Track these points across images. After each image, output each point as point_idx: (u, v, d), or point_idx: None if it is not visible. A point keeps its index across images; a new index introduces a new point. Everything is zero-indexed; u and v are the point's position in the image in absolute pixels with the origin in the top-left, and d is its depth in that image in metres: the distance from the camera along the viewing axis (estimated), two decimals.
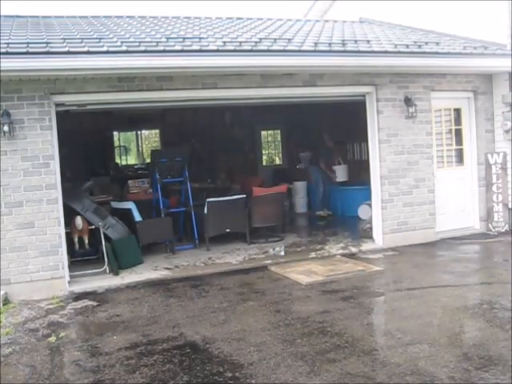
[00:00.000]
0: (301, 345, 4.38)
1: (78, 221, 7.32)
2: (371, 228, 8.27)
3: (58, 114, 6.51)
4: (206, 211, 8.40)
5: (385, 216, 7.97)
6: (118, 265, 7.18)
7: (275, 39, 7.55)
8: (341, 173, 11.59)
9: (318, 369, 3.89)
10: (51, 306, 5.85)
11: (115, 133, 15.27)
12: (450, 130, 8.75)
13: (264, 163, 15.39)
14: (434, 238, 8.20)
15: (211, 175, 12.43)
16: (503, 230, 8.51)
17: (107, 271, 7.12)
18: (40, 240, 6.28)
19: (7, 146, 6.13)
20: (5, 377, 4.07)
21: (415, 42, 8.15)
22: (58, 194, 6.40)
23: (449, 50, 8.00)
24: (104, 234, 7.41)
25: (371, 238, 8.24)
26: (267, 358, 4.16)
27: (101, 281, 6.77)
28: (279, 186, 9.96)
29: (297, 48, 7.12)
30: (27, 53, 5.88)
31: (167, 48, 6.53)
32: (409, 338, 4.38)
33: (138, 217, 8.13)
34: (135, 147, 18.16)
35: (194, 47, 6.68)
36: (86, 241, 7.54)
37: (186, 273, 7.03)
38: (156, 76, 6.70)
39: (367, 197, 8.29)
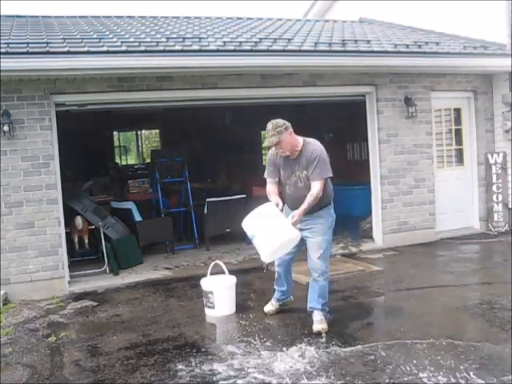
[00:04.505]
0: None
1: (78, 221, 7.33)
2: (371, 228, 8.27)
3: (58, 114, 6.51)
4: (205, 211, 8.40)
5: (385, 216, 7.97)
6: (118, 265, 7.18)
7: (275, 39, 7.55)
8: None
9: (318, 369, 3.89)
10: (51, 306, 5.85)
11: (115, 133, 15.29)
12: (450, 129, 8.75)
13: (264, 163, 15.39)
14: (434, 237, 8.20)
15: (211, 175, 12.43)
16: (503, 230, 8.51)
17: (107, 271, 7.12)
18: (40, 240, 6.28)
19: (7, 146, 6.13)
20: (5, 377, 4.07)
21: (415, 42, 8.15)
22: (58, 194, 6.39)
23: (449, 50, 8.00)
24: (104, 233, 7.41)
25: (371, 237, 8.24)
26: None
27: (101, 281, 6.77)
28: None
29: (297, 48, 7.12)
30: (27, 53, 5.88)
31: (167, 48, 6.53)
32: (409, 337, 4.37)
33: (137, 217, 8.13)
34: (135, 147, 18.17)
35: (194, 47, 6.68)
36: (86, 241, 7.55)
37: (186, 273, 7.03)
38: (156, 76, 6.70)
39: (367, 197, 8.28)
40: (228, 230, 8.55)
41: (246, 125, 13.67)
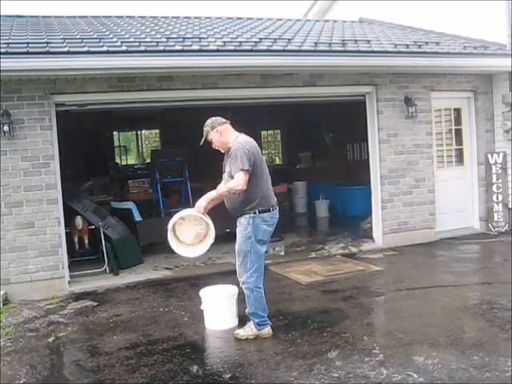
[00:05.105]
0: (301, 345, 4.38)
1: (78, 221, 7.33)
2: (371, 228, 8.27)
3: (58, 114, 6.51)
4: None
5: (385, 216, 7.97)
6: (118, 265, 7.19)
7: (275, 39, 7.55)
8: None
9: (318, 369, 3.89)
10: (51, 306, 5.85)
11: (115, 133, 15.28)
12: (450, 129, 8.75)
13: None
14: (434, 237, 8.20)
15: (211, 175, 12.41)
16: (503, 230, 8.50)
17: (107, 271, 7.12)
18: (40, 240, 6.28)
19: (7, 146, 6.13)
20: (5, 377, 4.07)
21: (415, 42, 8.15)
22: (58, 194, 6.40)
23: (449, 50, 8.00)
24: (104, 233, 7.41)
25: (371, 237, 8.24)
26: (267, 358, 4.16)
27: (101, 281, 6.77)
28: (279, 186, 9.95)
29: (297, 48, 7.12)
30: (27, 53, 5.88)
31: (167, 48, 6.53)
32: (409, 338, 4.38)
33: (138, 217, 8.13)
34: (135, 147, 18.17)
35: (194, 47, 6.68)
36: (86, 241, 7.56)
37: (186, 273, 7.04)
38: (156, 76, 6.70)
39: (367, 197, 8.28)
40: (228, 231, 8.54)
41: (246, 125, 13.66)
